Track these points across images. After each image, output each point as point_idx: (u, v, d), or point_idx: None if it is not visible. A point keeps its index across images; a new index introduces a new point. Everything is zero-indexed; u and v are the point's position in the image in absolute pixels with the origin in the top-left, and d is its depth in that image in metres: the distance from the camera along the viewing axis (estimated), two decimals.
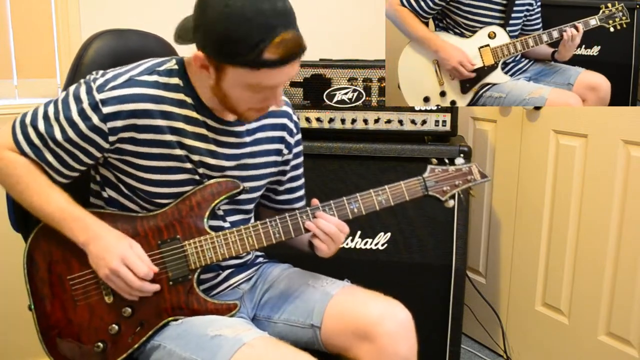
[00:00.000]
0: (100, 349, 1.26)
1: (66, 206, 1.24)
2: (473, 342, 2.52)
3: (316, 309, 1.34)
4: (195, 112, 1.28)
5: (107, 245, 1.22)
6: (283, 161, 1.47)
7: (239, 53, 1.12)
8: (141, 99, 1.23)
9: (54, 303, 1.28)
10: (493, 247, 2.42)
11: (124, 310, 1.26)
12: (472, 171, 1.41)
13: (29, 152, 1.24)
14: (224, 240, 1.29)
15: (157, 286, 1.25)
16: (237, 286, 1.43)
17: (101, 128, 1.22)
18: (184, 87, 1.27)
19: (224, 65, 1.15)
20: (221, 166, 1.33)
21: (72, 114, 1.22)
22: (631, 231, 1.88)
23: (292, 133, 1.47)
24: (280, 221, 1.31)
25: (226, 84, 1.18)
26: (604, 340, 1.99)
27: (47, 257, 1.29)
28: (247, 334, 1.19)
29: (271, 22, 1.10)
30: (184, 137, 1.27)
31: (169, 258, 1.28)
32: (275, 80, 1.17)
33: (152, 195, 1.29)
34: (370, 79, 1.96)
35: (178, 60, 1.29)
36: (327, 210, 1.33)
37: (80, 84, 1.25)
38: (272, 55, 1.12)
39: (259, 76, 1.15)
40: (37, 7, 2.09)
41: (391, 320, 1.28)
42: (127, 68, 1.27)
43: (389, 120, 1.96)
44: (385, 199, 1.36)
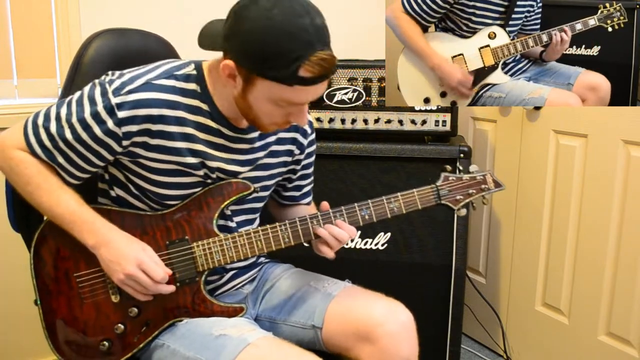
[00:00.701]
0: (105, 347, 1.26)
1: (76, 208, 1.23)
2: (473, 342, 2.52)
3: (317, 310, 1.33)
4: (210, 120, 1.26)
5: (120, 250, 1.21)
6: (294, 161, 1.45)
7: (274, 67, 1.09)
8: (157, 104, 1.20)
9: (60, 299, 1.28)
10: (493, 247, 2.42)
11: (131, 310, 1.26)
12: (487, 180, 1.38)
13: (40, 153, 1.22)
14: (232, 243, 1.28)
15: (173, 287, 1.25)
16: (241, 287, 1.43)
17: (115, 132, 1.19)
18: (201, 93, 1.24)
19: (255, 77, 1.13)
20: (235, 171, 1.31)
21: (86, 116, 1.19)
22: (631, 231, 1.88)
23: (305, 134, 1.44)
24: (290, 226, 1.29)
25: (253, 95, 1.16)
26: (604, 340, 1.99)
27: (54, 253, 1.28)
28: (252, 334, 1.19)
29: (310, 39, 1.09)
30: (195, 143, 1.25)
31: (177, 259, 1.27)
32: (305, 98, 1.16)
33: (162, 197, 1.28)
34: (370, 79, 1.96)
35: (197, 65, 1.26)
36: (338, 216, 1.30)
37: (95, 85, 1.22)
38: (307, 73, 1.10)
39: (289, 92, 1.13)
40: (37, 7, 2.09)
41: (393, 321, 1.28)
42: (144, 70, 1.24)
43: (389, 120, 1.96)
44: (397, 207, 1.33)
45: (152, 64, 1.26)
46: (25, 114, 2.02)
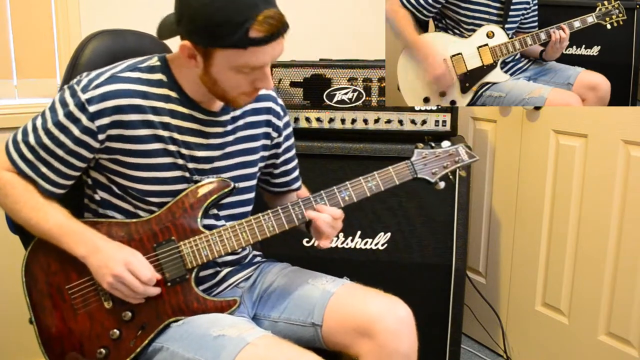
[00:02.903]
0: (102, 355, 1.26)
1: (64, 221, 1.25)
2: (473, 342, 2.52)
3: (317, 307, 1.34)
4: (180, 106, 1.29)
5: (108, 255, 1.22)
6: (273, 144, 1.48)
7: (225, 34, 1.13)
8: (125, 94, 1.23)
9: (54, 314, 1.28)
10: (493, 247, 2.42)
11: (124, 314, 1.27)
12: (460, 152, 1.42)
13: (23, 167, 1.24)
14: (218, 237, 1.30)
15: (159, 289, 1.26)
16: (237, 285, 1.43)
17: (90, 128, 1.22)
18: (168, 82, 1.28)
19: (212, 49, 1.17)
20: (208, 157, 1.33)
21: (60, 118, 1.22)
22: (631, 231, 1.88)
23: (279, 116, 1.47)
24: (273, 214, 1.32)
25: (215, 69, 1.19)
26: (604, 340, 1.99)
27: (45, 269, 1.29)
28: (251, 333, 1.19)
29: (253, 1, 1.13)
30: (171, 131, 1.28)
31: (165, 259, 1.28)
32: (263, 59, 1.18)
33: (144, 194, 1.29)
34: (370, 79, 1.96)
35: (160, 57, 1.31)
36: (319, 200, 1.34)
37: (64, 89, 1.26)
38: (258, 34, 1.13)
39: (246, 56, 1.16)
40: (37, 7, 2.09)
41: (391, 316, 1.28)
42: (109, 67, 1.28)
43: (389, 120, 1.96)
44: (375, 185, 1.37)
45: (116, 62, 1.30)
46: (25, 114, 2.03)
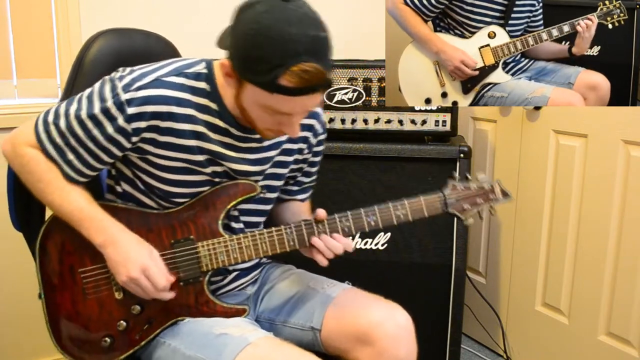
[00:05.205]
0: (107, 343, 1.26)
1: (85, 206, 1.23)
2: (473, 342, 2.52)
3: (316, 312, 1.33)
4: (218, 119, 1.25)
5: (127, 252, 1.21)
6: (303, 159, 1.44)
7: (255, 72, 1.09)
8: (166, 101, 1.20)
9: (64, 294, 1.28)
10: (493, 247, 2.42)
11: (133, 307, 1.27)
12: (494, 190, 1.36)
13: (50, 149, 1.22)
14: (237, 244, 1.28)
15: (173, 294, 1.25)
16: (244, 288, 1.42)
17: (125, 128, 1.19)
18: (210, 92, 1.24)
19: (243, 80, 1.13)
20: (245, 171, 1.30)
21: (96, 112, 1.19)
22: (631, 231, 1.88)
23: (316, 134, 1.43)
24: (295, 229, 1.28)
25: (244, 98, 1.16)
26: (604, 340, 1.99)
27: (60, 247, 1.29)
28: (253, 333, 1.19)
29: (295, 49, 1.06)
30: (205, 142, 1.25)
31: (181, 258, 1.27)
32: (290, 108, 1.14)
33: (169, 195, 1.28)
34: (370, 79, 1.96)
35: (207, 64, 1.25)
36: (344, 220, 1.29)
37: (105, 81, 1.21)
38: (288, 83, 1.07)
39: (273, 100, 1.11)
40: (37, 7, 2.08)
41: (391, 323, 1.28)
42: (155, 67, 1.23)
43: (389, 120, 1.96)
44: (404, 214, 1.31)
45: (163, 61, 1.25)
46: (24, 114, 2.03)
